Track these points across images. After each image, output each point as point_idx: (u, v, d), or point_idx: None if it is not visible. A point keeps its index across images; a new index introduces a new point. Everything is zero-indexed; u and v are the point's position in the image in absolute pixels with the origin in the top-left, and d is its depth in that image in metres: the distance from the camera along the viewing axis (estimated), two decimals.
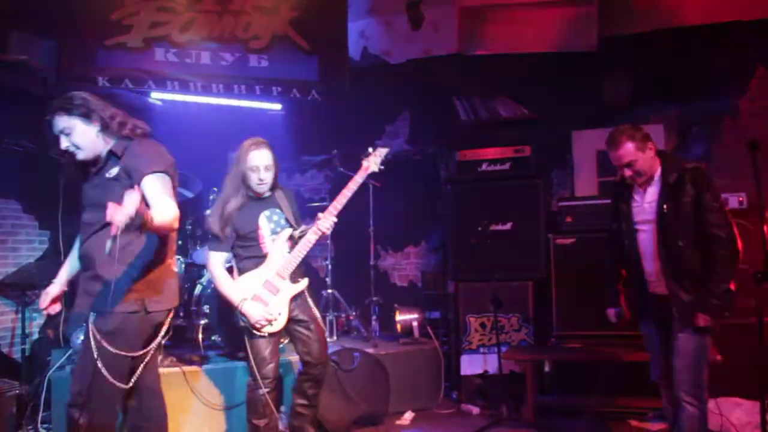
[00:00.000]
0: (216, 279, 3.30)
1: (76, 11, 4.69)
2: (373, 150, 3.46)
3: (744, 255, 2.96)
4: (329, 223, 3.25)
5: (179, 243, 4.77)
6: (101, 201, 2.49)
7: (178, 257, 4.65)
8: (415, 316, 5.01)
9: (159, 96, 5.31)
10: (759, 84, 4.84)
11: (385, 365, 4.41)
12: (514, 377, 4.53)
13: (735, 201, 4.21)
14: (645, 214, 3.10)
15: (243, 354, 4.10)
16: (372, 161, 3.42)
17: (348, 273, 5.45)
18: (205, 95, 5.27)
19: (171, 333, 4.41)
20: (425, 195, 5.73)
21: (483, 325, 4.83)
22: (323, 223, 3.25)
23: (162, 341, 2.68)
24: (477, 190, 4.97)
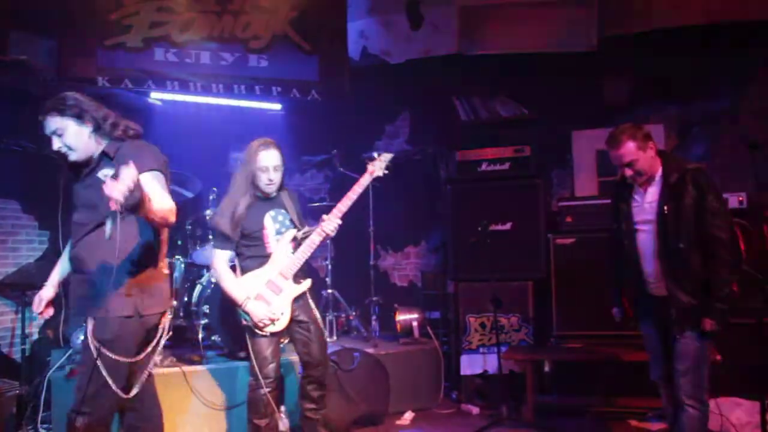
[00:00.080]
0: (220, 277, 3.32)
1: (76, 11, 4.69)
2: (378, 155, 3.48)
3: (745, 255, 2.96)
4: (333, 225, 3.28)
5: (179, 243, 4.77)
6: (93, 202, 2.51)
7: (177, 257, 4.66)
8: (415, 316, 5.01)
9: (159, 96, 5.31)
10: (759, 84, 4.84)
11: (385, 365, 4.41)
12: (513, 377, 4.52)
13: (735, 201, 4.20)
14: (645, 214, 3.07)
15: (243, 354, 4.11)
16: (377, 166, 3.44)
17: (348, 273, 5.45)
18: (205, 95, 5.27)
19: (171, 333, 4.45)
20: (425, 195, 5.73)
21: (483, 325, 4.83)
22: (328, 225, 3.28)
23: (157, 344, 2.66)
24: (477, 190, 4.97)
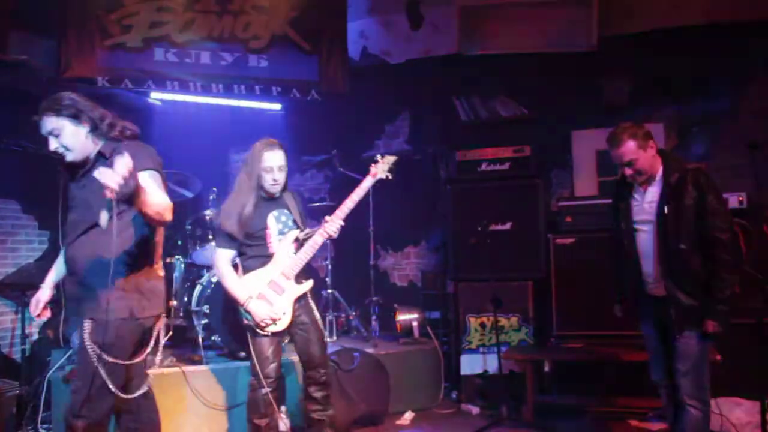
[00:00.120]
0: (222, 276, 3.32)
1: (76, 11, 4.69)
2: (382, 157, 3.48)
3: (745, 255, 2.95)
4: (336, 227, 3.30)
5: (179, 243, 4.77)
6: (88, 202, 2.50)
7: (177, 257, 4.66)
8: (415, 316, 5.01)
9: (159, 96, 5.32)
10: (759, 84, 4.84)
11: (385, 365, 4.41)
12: (513, 377, 4.52)
13: (735, 201, 4.20)
14: (645, 214, 3.06)
15: (243, 354, 4.12)
16: (380, 168, 3.45)
17: (348, 273, 5.45)
18: (205, 95, 5.27)
19: (171, 333, 4.44)
20: (425, 195, 5.73)
21: (483, 325, 4.83)
22: (330, 227, 3.30)
23: (156, 346, 2.66)
24: (477, 190, 4.97)
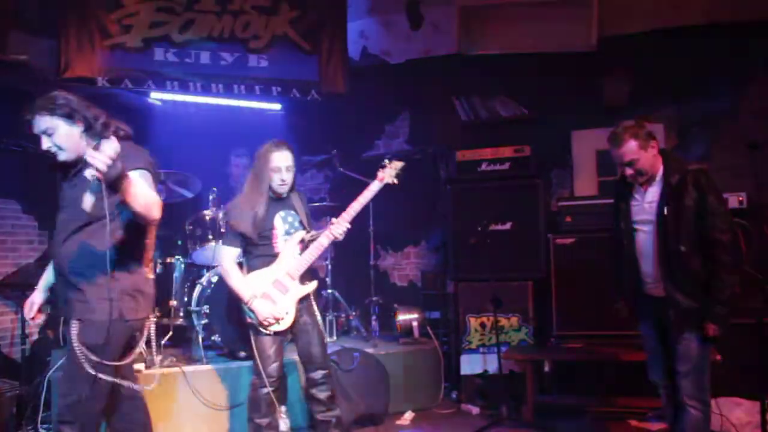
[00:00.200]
0: (227, 274, 3.35)
1: (75, 11, 4.69)
2: (389, 162, 3.50)
3: (744, 255, 2.94)
4: (342, 229, 3.34)
5: (179, 243, 4.77)
6: (79, 202, 2.47)
7: (177, 257, 4.66)
8: (415, 316, 5.01)
9: (159, 96, 5.31)
10: (759, 84, 4.84)
11: (385, 365, 4.41)
12: (513, 377, 4.52)
13: (735, 201, 4.20)
14: (644, 214, 3.04)
15: (244, 353, 4.13)
16: (387, 173, 3.47)
17: (348, 273, 5.45)
18: (205, 95, 5.27)
19: (171, 333, 4.45)
20: (425, 195, 5.72)
21: (483, 325, 4.83)
22: (336, 229, 3.33)
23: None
24: (477, 190, 4.97)
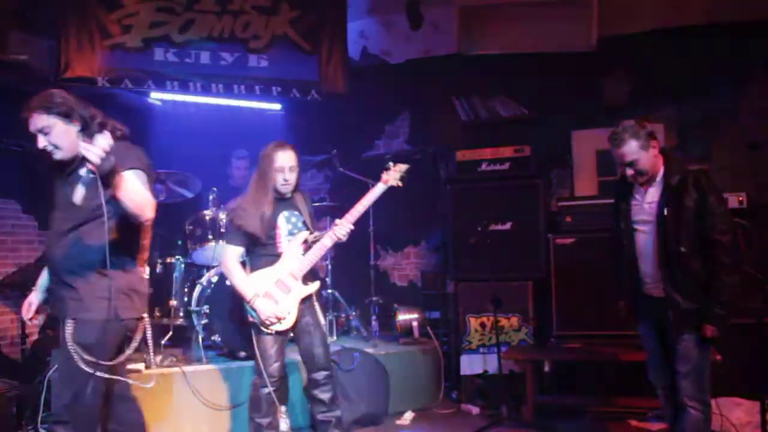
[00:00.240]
0: (230, 272, 3.37)
1: (75, 11, 4.69)
2: (394, 165, 3.51)
3: (744, 255, 2.94)
4: (346, 230, 3.34)
5: (179, 243, 4.77)
6: (74, 200, 2.47)
7: (177, 257, 4.66)
8: (415, 316, 5.01)
9: (158, 96, 5.31)
10: (759, 84, 4.84)
11: (385, 365, 4.42)
12: (513, 377, 4.52)
13: (735, 201, 4.20)
14: (644, 214, 3.04)
15: (244, 353, 4.13)
16: (392, 176, 3.48)
17: (348, 273, 5.45)
18: (205, 95, 5.27)
19: (171, 333, 4.45)
20: (425, 195, 5.72)
21: (483, 325, 4.83)
22: (340, 230, 3.33)
23: (133, 349, 2.65)
24: (477, 190, 4.96)
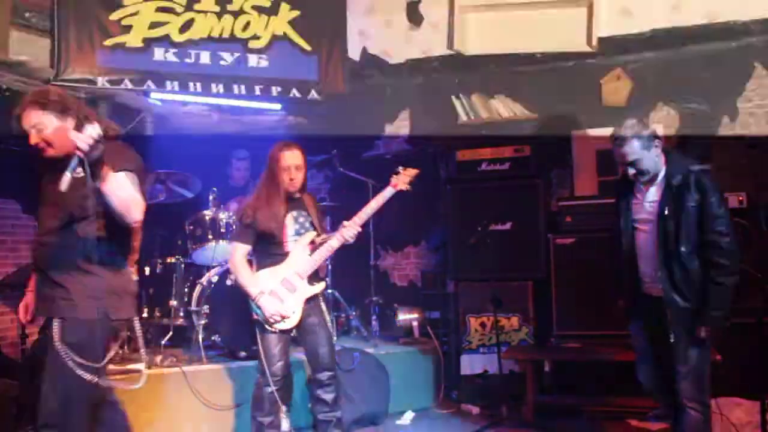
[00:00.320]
0: (236, 269, 3.41)
1: (75, 11, 4.69)
2: (403, 169, 3.58)
3: (744, 255, 2.94)
4: (353, 232, 3.40)
5: (179, 243, 4.77)
6: (63, 199, 2.43)
7: (177, 257, 4.67)
8: (415, 316, 5.02)
9: (158, 96, 5.31)
10: (758, 84, 4.84)
11: (385, 365, 4.42)
12: (513, 377, 4.52)
13: (735, 201, 4.20)
14: (645, 213, 3.04)
15: (244, 353, 4.13)
16: (401, 180, 3.55)
17: (348, 273, 5.45)
18: (205, 95, 5.27)
19: (171, 333, 4.45)
20: (425, 195, 5.72)
21: (483, 325, 4.83)
22: (347, 232, 3.39)
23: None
24: (477, 190, 4.97)
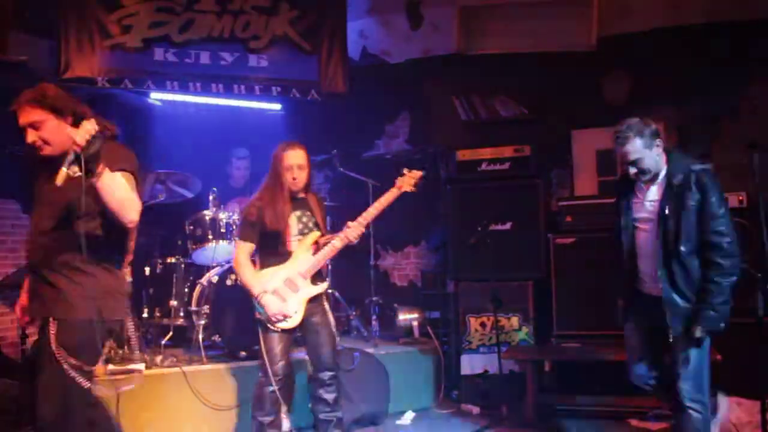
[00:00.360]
0: (239, 267, 3.41)
1: (75, 11, 4.69)
2: (409, 171, 3.56)
3: (744, 254, 2.93)
4: (357, 233, 3.40)
5: (179, 243, 4.77)
6: (56, 198, 2.44)
7: (177, 257, 4.67)
8: (416, 316, 5.01)
9: (158, 96, 5.31)
10: (759, 84, 4.84)
11: (385, 365, 4.42)
12: (513, 377, 4.52)
13: (735, 201, 4.21)
14: (645, 212, 3.02)
15: (244, 353, 4.13)
16: (406, 182, 3.53)
17: (348, 273, 5.45)
18: (205, 95, 5.27)
19: (171, 333, 4.44)
20: (425, 195, 5.70)
21: (483, 325, 4.83)
22: (351, 232, 3.39)
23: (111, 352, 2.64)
24: (477, 190, 4.96)
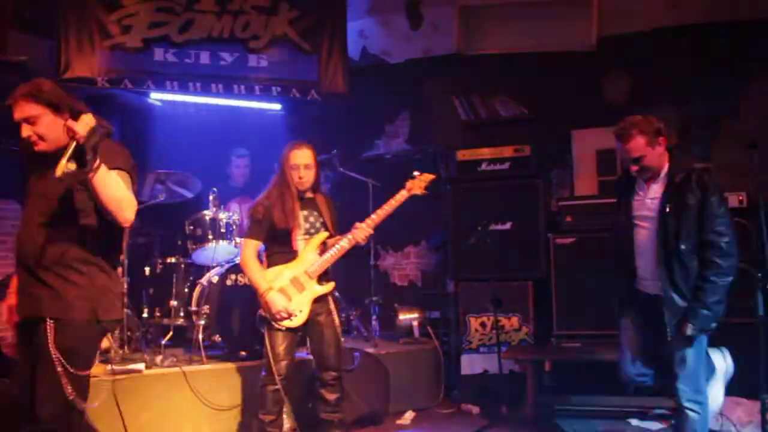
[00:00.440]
0: (246, 264, 3.43)
1: (75, 12, 4.69)
2: (420, 173, 3.57)
3: (743, 254, 2.93)
4: (365, 234, 3.40)
5: (179, 243, 4.77)
6: (50, 194, 2.43)
7: (177, 257, 4.67)
8: (416, 316, 5.01)
9: (158, 96, 5.31)
10: (759, 84, 4.84)
11: (385, 365, 4.42)
12: (513, 377, 4.52)
13: (735, 201, 4.20)
14: (646, 210, 3.01)
15: (244, 353, 4.13)
16: (416, 184, 3.55)
17: (348, 273, 5.44)
18: (205, 95, 5.27)
19: (171, 333, 4.44)
20: (425, 195, 5.72)
21: (483, 325, 4.83)
22: (359, 234, 3.38)
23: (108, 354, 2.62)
24: (477, 190, 4.97)
